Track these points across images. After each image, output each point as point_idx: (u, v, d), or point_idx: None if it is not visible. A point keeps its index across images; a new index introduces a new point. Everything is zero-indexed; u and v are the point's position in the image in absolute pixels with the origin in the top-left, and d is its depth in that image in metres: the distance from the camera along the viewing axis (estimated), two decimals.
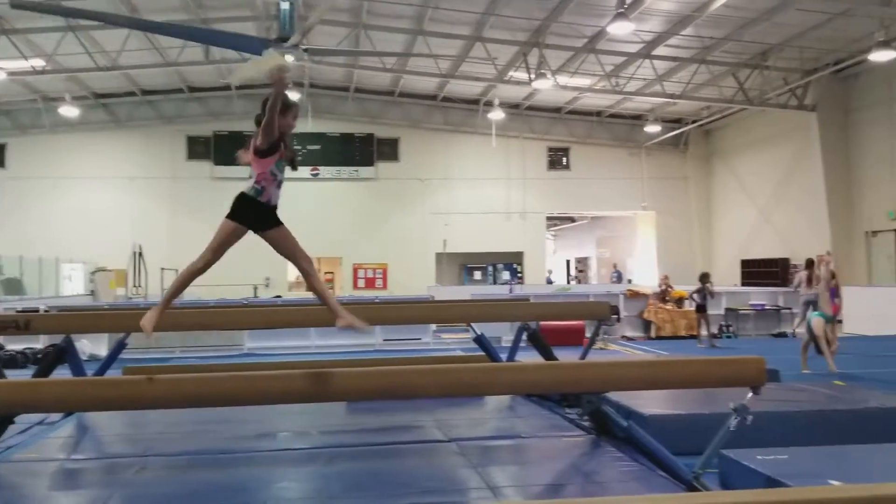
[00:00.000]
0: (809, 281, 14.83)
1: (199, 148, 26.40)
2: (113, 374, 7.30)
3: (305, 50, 14.65)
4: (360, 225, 26.48)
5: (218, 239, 4.52)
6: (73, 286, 23.05)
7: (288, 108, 4.43)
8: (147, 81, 24.21)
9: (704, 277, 15.50)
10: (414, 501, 4.30)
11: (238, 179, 27.50)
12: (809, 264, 14.99)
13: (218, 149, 26.21)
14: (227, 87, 25.14)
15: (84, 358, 12.25)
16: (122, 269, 21.44)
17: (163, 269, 20.96)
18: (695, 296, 15.45)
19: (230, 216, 4.52)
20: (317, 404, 6.53)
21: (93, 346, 13.39)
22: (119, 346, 7.91)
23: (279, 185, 4.53)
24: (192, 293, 21.70)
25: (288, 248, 4.63)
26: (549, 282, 28.06)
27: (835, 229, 20.67)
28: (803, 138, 21.76)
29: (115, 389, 4.24)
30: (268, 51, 13.32)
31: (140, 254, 20.69)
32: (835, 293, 11.54)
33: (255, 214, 4.50)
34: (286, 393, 4.08)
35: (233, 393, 4.04)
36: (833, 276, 11.52)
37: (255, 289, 23.34)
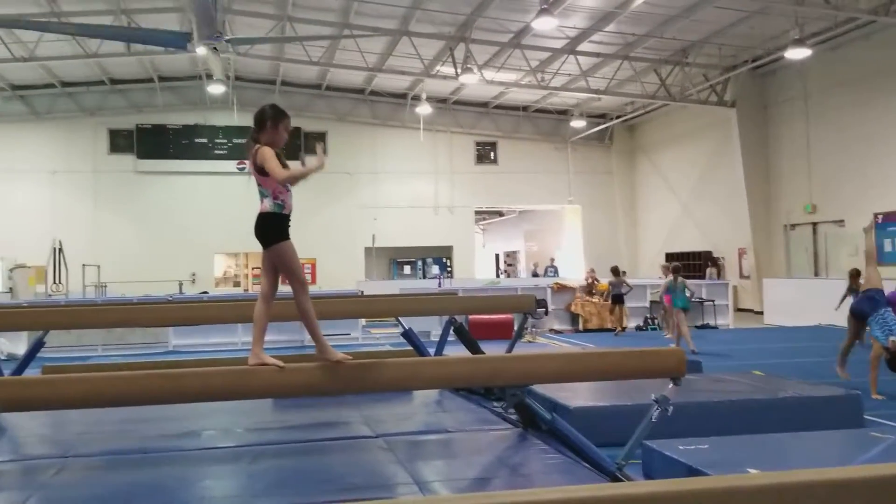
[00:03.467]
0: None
1: (121, 141, 25.70)
2: (31, 373, 7.06)
3: (228, 41, 14.40)
4: None
5: (295, 263, 4.33)
6: None
7: (280, 119, 4.31)
8: (67, 73, 23.45)
9: (615, 271, 16.45)
10: (338, 498, 4.27)
11: (162, 173, 26.92)
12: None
13: (141, 142, 25.57)
14: (149, 80, 24.54)
15: (2, 357, 11.89)
16: (42, 265, 20.75)
17: (84, 265, 20.35)
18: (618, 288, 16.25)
19: (285, 237, 4.27)
20: (242, 402, 6.43)
21: (11, 344, 12.92)
22: (37, 345, 7.63)
23: (290, 194, 4.38)
24: (115, 290, 21.21)
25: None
26: (555, 272, 27.39)
27: (755, 223, 21.33)
28: (723, 134, 22.37)
29: (34, 389, 4.10)
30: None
31: (60, 250, 20.04)
32: None
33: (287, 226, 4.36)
34: (206, 391, 4.00)
35: (152, 391, 3.94)
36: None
37: (181, 285, 22.85)
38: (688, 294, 13.25)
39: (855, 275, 11.59)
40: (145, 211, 25.32)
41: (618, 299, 16.15)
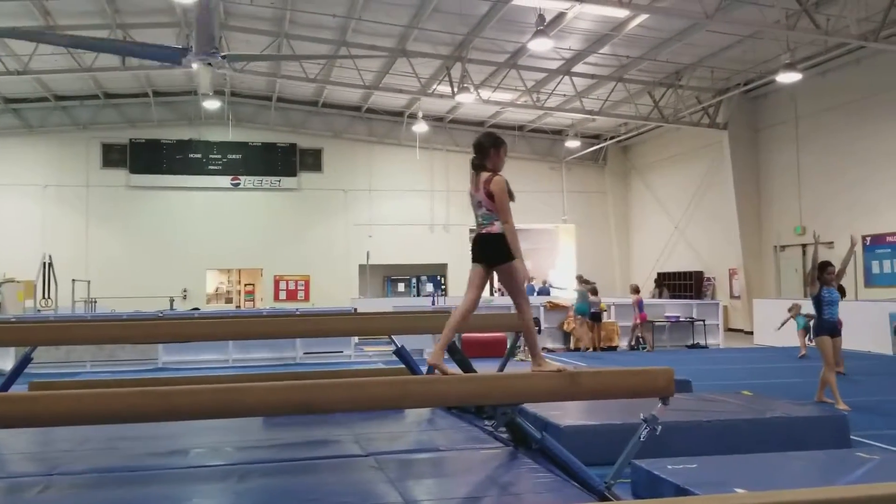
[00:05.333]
0: None
1: (114, 156, 25.67)
2: (18, 389, 7.02)
3: (224, 56, 14.45)
4: (283, 236, 26.16)
5: (519, 283, 5.02)
6: None
7: (500, 145, 4.91)
8: (60, 87, 23.46)
9: (594, 290, 16.97)
10: None
11: (155, 188, 26.78)
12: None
13: (134, 157, 25.56)
14: (144, 94, 24.57)
15: None
16: (32, 280, 20.64)
17: (74, 280, 20.25)
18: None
19: (510, 258, 4.90)
20: (232, 420, 6.41)
21: None
22: (24, 361, 7.57)
23: None
24: (105, 306, 21.11)
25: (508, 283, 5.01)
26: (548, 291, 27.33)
27: (745, 243, 21.43)
28: (715, 155, 22.50)
29: (20, 405, 4.06)
30: None
31: (50, 264, 19.95)
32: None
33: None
34: (194, 409, 3.98)
35: (140, 408, 3.92)
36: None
37: (172, 301, 22.79)
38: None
39: None
40: (137, 226, 25.28)
41: (595, 317, 16.75)
